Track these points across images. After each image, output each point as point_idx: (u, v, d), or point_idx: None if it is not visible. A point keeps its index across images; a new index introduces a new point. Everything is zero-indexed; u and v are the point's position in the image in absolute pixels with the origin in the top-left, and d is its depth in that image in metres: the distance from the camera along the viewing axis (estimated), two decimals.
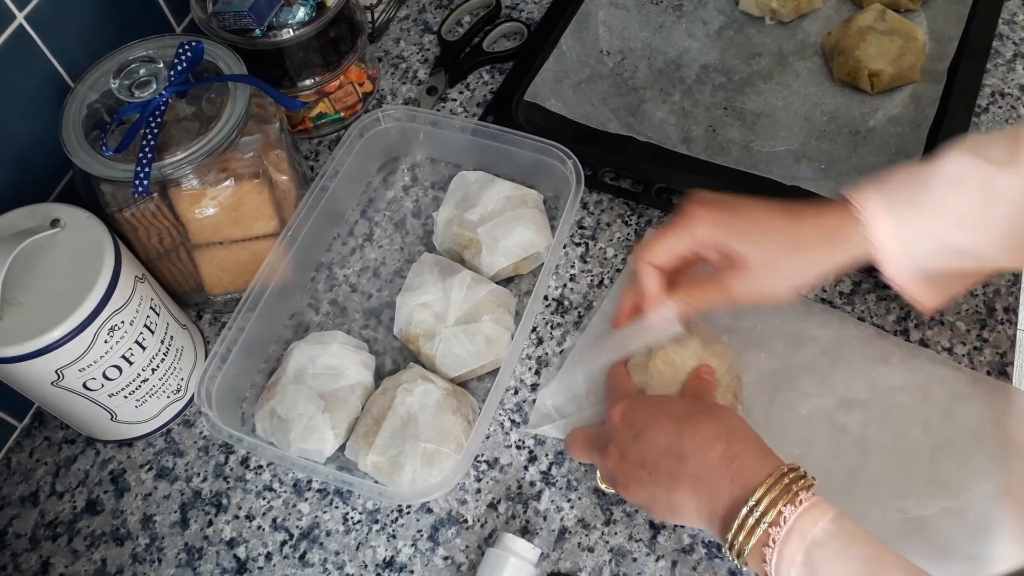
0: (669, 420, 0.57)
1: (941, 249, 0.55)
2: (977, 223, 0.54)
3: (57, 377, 0.62)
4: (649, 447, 0.57)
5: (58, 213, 0.64)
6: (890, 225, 0.55)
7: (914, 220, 0.54)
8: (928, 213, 0.54)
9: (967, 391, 0.67)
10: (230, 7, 0.76)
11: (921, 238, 0.55)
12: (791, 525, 0.49)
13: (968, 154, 0.54)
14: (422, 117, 0.82)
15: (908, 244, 0.55)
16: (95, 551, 0.69)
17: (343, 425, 0.68)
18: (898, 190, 0.55)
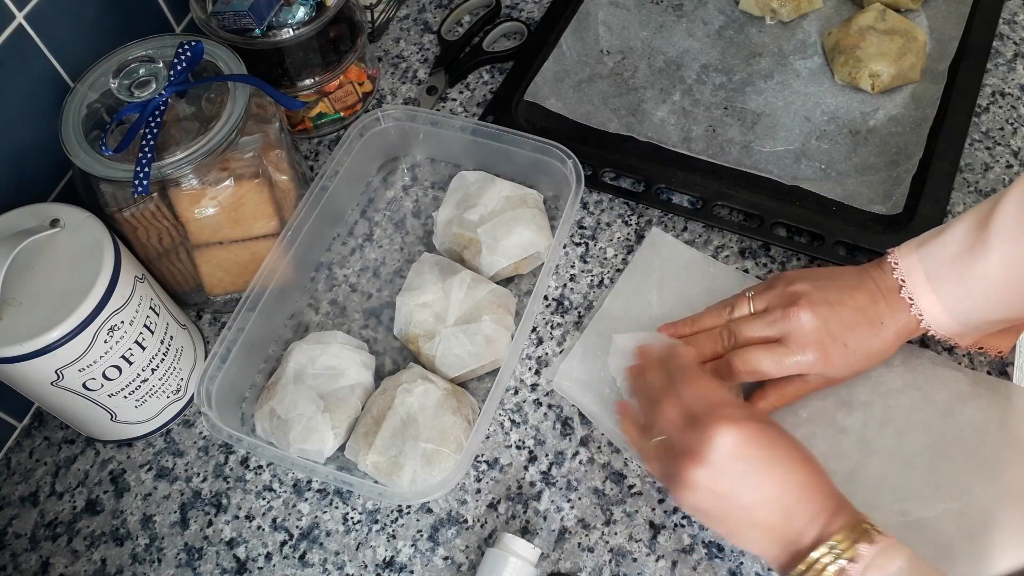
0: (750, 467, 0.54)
1: (989, 320, 0.61)
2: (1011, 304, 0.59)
3: (57, 377, 0.62)
4: (724, 483, 0.54)
5: (58, 213, 0.64)
6: (947, 319, 0.60)
7: (967, 313, 0.60)
8: (980, 306, 0.59)
9: (968, 392, 0.67)
10: (230, 7, 0.76)
11: (973, 318, 0.60)
12: (868, 562, 0.49)
13: (1015, 242, 0.56)
14: (422, 117, 0.82)
15: (963, 324, 0.61)
16: (95, 551, 0.69)
17: (343, 425, 0.68)
18: (953, 286, 0.59)
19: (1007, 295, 0.58)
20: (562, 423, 0.70)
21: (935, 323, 0.61)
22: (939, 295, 0.60)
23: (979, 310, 0.59)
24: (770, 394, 0.65)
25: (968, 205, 0.78)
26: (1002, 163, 0.80)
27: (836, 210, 0.76)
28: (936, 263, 0.60)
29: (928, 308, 0.60)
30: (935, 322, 0.61)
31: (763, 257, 0.77)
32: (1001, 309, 0.59)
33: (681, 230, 0.79)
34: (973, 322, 0.60)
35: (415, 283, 0.74)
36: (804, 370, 0.63)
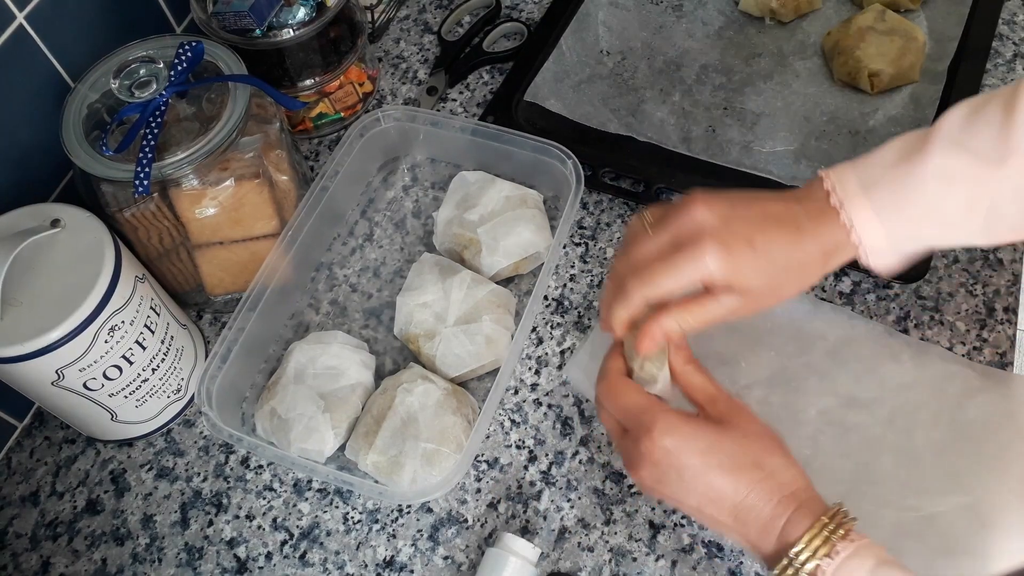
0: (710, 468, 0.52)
1: (923, 243, 0.54)
2: (961, 220, 0.52)
3: (57, 377, 0.62)
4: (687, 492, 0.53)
5: (58, 213, 0.64)
6: (880, 233, 0.53)
7: (902, 225, 0.53)
8: (915, 218, 0.52)
9: (978, 385, 0.67)
10: (230, 7, 0.76)
11: (907, 237, 0.54)
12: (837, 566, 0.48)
13: (957, 148, 0.51)
14: (422, 117, 0.82)
15: (895, 243, 0.54)
16: (95, 551, 0.69)
17: (343, 425, 0.68)
18: (888, 192, 0.52)
19: (944, 209, 0.52)
20: (562, 423, 0.70)
21: (867, 236, 0.53)
22: (873, 202, 0.52)
23: (914, 224, 0.52)
24: (673, 314, 0.55)
25: None
26: None
27: None
28: (872, 171, 0.53)
29: (860, 217, 0.53)
30: (867, 235, 0.53)
31: None
32: (935, 226, 0.53)
33: None
34: (904, 238, 0.53)
35: (415, 283, 0.74)
36: (704, 277, 0.53)
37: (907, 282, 0.73)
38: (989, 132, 0.50)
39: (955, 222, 0.53)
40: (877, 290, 0.74)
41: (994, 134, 0.50)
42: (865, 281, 0.75)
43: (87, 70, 0.70)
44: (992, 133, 0.50)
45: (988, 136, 0.50)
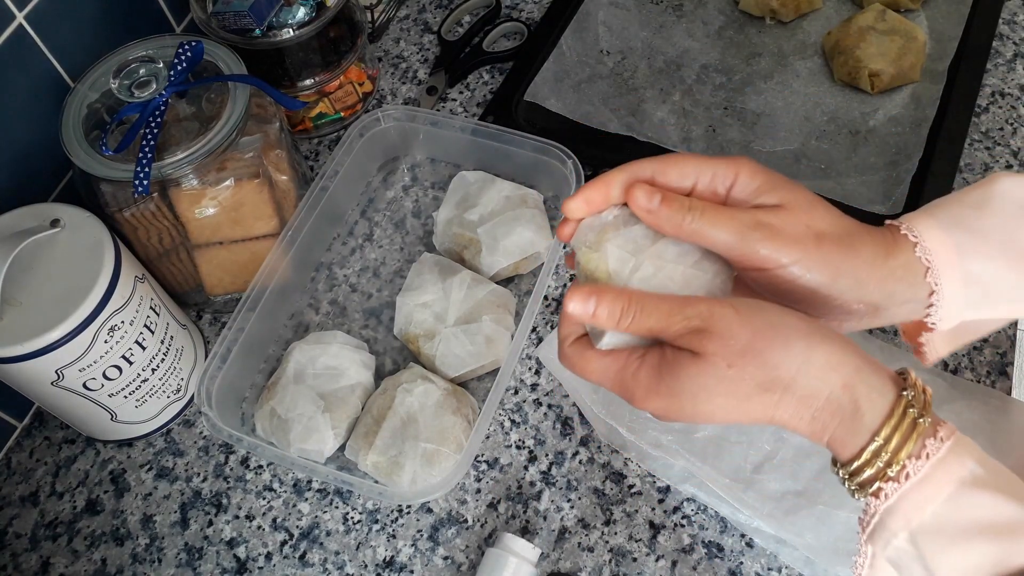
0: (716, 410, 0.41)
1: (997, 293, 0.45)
2: None
3: (57, 377, 0.62)
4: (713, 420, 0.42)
5: (58, 213, 0.64)
6: (957, 271, 0.44)
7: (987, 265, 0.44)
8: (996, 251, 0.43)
9: (945, 395, 0.67)
10: (230, 7, 0.76)
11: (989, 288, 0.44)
12: (893, 504, 0.39)
13: None
14: (422, 117, 0.82)
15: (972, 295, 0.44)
16: (95, 551, 0.69)
17: (343, 425, 0.68)
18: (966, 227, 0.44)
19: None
20: (562, 423, 0.70)
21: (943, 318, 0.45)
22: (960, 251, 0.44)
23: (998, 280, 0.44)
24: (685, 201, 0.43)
25: None
26: (1002, 163, 0.80)
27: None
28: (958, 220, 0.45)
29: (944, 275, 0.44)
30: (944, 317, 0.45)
31: None
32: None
33: None
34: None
35: (415, 283, 0.74)
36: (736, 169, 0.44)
37: None
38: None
39: None
40: None
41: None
42: None
43: (87, 70, 0.70)
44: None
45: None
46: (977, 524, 0.37)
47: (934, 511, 0.38)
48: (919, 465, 0.38)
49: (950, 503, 0.38)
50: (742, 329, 0.40)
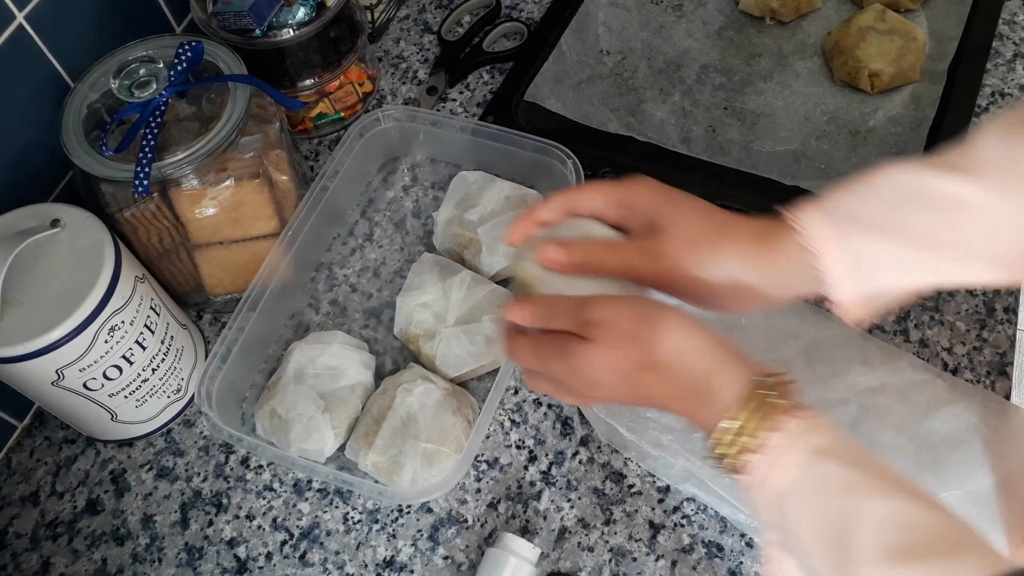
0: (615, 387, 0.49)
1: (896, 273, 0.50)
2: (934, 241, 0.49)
3: (57, 377, 0.62)
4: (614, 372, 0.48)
5: (58, 213, 0.64)
6: (840, 252, 0.49)
7: (868, 244, 0.49)
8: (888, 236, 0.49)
9: (945, 397, 0.67)
10: (230, 7, 0.76)
11: (875, 263, 0.49)
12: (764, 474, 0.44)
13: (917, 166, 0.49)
14: (422, 117, 0.82)
15: (861, 271, 0.49)
16: (95, 551, 0.69)
17: (343, 425, 0.68)
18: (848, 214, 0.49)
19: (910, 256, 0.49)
20: (562, 423, 0.70)
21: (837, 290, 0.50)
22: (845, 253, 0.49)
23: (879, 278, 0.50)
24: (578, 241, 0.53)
25: None
26: None
27: None
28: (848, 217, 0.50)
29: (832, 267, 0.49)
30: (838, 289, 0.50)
31: None
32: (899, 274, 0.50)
33: None
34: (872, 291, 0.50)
35: (415, 283, 0.74)
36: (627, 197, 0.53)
37: None
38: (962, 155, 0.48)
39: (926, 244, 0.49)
40: None
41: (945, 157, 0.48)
42: None
43: (87, 70, 0.70)
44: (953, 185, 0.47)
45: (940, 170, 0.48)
46: (826, 486, 0.43)
47: (791, 478, 0.44)
48: (777, 438, 0.44)
49: (805, 468, 0.43)
50: (627, 320, 0.48)
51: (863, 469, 0.43)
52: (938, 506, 0.42)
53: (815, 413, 0.45)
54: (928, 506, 0.42)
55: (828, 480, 0.43)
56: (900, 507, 0.41)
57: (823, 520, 0.42)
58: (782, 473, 0.44)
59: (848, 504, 0.42)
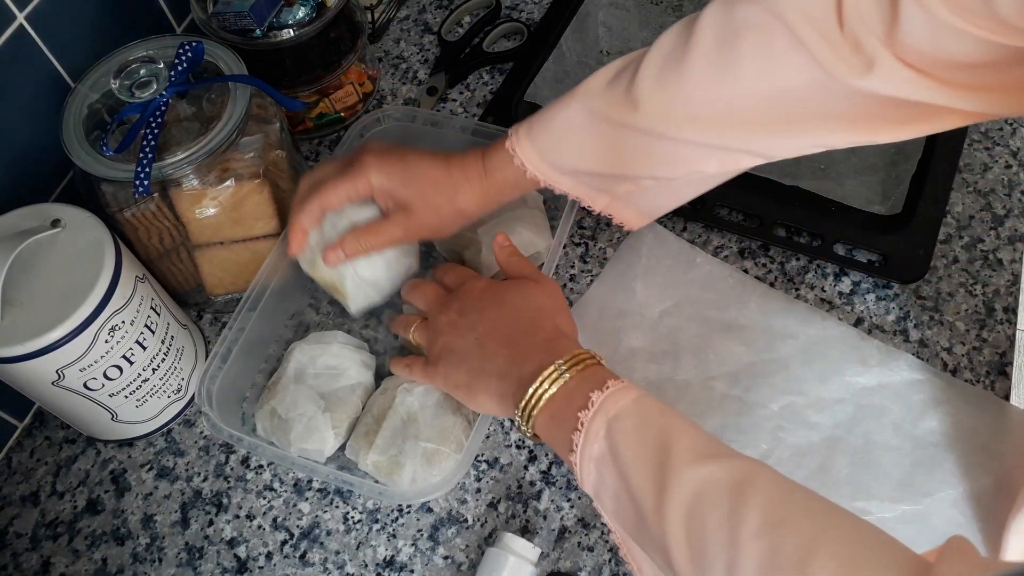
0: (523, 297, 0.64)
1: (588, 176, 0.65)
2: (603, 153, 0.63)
3: (58, 377, 0.62)
4: (490, 313, 0.63)
5: (59, 213, 0.64)
6: (535, 155, 0.65)
7: (554, 151, 0.64)
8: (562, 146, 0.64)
9: (942, 397, 0.67)
10: (230, 7, 0.76)
11: (559, 160, 0.65)
12: (598, 407, 0.52)
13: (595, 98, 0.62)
14: (422, 117, 0.82)
15: (552, 164, 0.65)
16: (96, 551, 0.69)
17: (344, 425, 0.68)
18: (542, 128, 0.64)
19: (588, 145, 0.63)
20: None
21: (526, 158, 0.65)
22: (534, 143, 0.64)
23: (568, 158, 0.64)
24: (355, 233, 0.67)
25: (967, 205, 0.78)
26: (1001, 163, 0.80)
27: (835, 210, 0.76)
28: (534, 118, 0.65)
29: (521, 146, 0.65)
30: (526, 157, 0.65)
31: (762, 257, 0.77)
32: (588, 159, 0.63)
33: (681, 230, 0.79)
34: (568, 167, 0.64)
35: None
36: (366, 186, 0.67)
37: (906, 282, 0.74)
38: (621, 85, 0.60)
39: (603, 159, 0.63)
40: (877, 290, 0.74)
41: (624, 88, 0.60)
42: (865, 281, 0.75)
43: (87, 70, 0.70)
44: (624, 87, 0.60)
45: (620, 89, 0.60)
46: (649, 417, 0.52)
47: (622, 406, 0.52)
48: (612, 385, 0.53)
49: (634, 403, 0.53)
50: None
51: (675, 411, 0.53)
52: None
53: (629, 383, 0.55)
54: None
55: (657, 407, 0.53)
56: (703, 431, 0.52)
57: (655, 433, 0.51)
58: (612, 404, 0.52)
59: (667, 424, 0.51)
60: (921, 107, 0.54)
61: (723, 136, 0.59)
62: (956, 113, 0.54)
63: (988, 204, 0.78)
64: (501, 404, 0.60)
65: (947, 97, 0.52)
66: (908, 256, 0.73)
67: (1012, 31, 0.47)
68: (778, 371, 0.70)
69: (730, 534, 0.44)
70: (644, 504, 0.49)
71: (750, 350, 0.71)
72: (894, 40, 0.51)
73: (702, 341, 0.72)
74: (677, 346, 0.72)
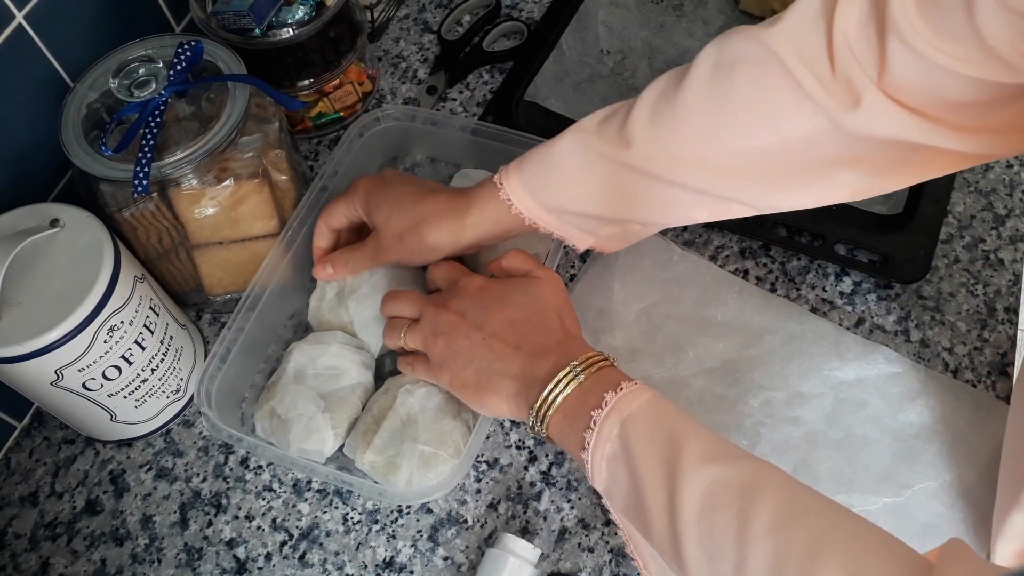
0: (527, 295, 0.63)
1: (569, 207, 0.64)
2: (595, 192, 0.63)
3: (56, 377, 0.62)
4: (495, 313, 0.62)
5: (57, 213, 0.64)
6: (525, 195, 0.64)
7: (545, 191, 0.64)
8: (554, 185, 0.63)
9: (920, 389, 0.68)
10: (229, 6, 0.76)
11: (551, 199, 0.64)
12: (611, 406, 0.53)
13: (588, 134, 0.62)
14: (422, 117, 0.82)
15: (542, 203, 0.64)
16: (95, 551, 0.69)
17: (343, 425, 0.68)
18: (533, 166, 0.64)
19: (577, 182, 0.62)
20: None
21: (515, 197, 0.64)
22: (522, 178, 0.64)
23: (556, 195, 0.63)
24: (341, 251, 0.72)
25: (968, 205, 0.78)
26: (1002, 163, 0.80)
27: (836, 210, 0.76)
28: (526, 156, 0.65)
29: (511, 184, 0.64)
30: (516, 196, 0.64)
31: (763, 257, 0.77)
32: (577, 196, 0.63)
33: (681, 230, 0.79)
34: (553, 204, 0.64)
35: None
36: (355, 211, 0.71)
37: (907, 282, 0.73)
38: (615, 124, 0.61)
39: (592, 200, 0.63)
40: (878, 290, 0.74)
41: (618, 126, 0.60)
42: (866, 282, 0.75)
43: (86, 70, 0.70)
44: (617, 125, 0.61)
45: (614, 127, 0.61)
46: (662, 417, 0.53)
47: (636, 406, 0.53)
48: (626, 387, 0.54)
49: (647, 404, 0.53)
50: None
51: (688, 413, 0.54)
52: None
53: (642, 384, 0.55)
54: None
55: (669, 408, 0.53)
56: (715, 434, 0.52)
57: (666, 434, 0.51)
58: (626, 405, 0.53)
59: (680, 425, 0.52)
60: (914, 149, 0.54)
61: (714, 182, 0.59)
62: (951, 155, 0.54)
63: (989, 204, 0.78)
64: (512, 405, 0.60)
65: (940, 137, 0.52)
66: (909, 256, 0.73)
67: (1000, 66, 0.46)
68: (757, 367, 0.70)
69: (739, 533, 0.45)
70: (655, 503, 0.49)
71: (729, 346, 0.71)
72: (884, 79, 0.51)
73: (681, 338, 0.72)
74: (656, 344, 0.72)
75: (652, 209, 0.62)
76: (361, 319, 0.72)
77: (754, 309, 0.73)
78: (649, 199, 0.61)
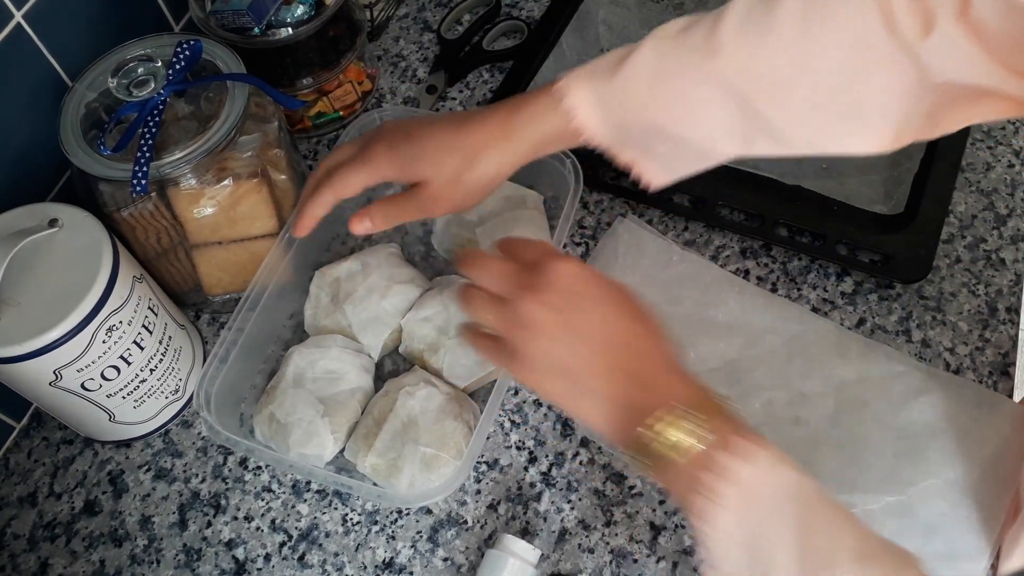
0: (626, 305, 0.54)
1: (642, 132, 0.59)
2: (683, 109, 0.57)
3: (55, 377, 0.62)
4: (591, 316, 0.53)
5: (56, 213, 0.64)
6: (596, 112, 0.59)
7: (618, 104, 0.58)
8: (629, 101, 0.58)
9: (922, 387, 0.68)
10: (229, 6, 0.75)
11: (625, 114, 0.58)
12: (725, 468, 0.46)
13: (670, 42, 0.58)
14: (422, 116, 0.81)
15: (613, 120, 0.58)
16: (93, 552, 0.69)
17: (343, 429, 0.68)
18: (606, 77, 0.59)
19: (656, 91, 0.57)
20: (562, 424, 0.70)
21: (585, 117, 0.59)
22: (596, 90, 0.59)
23: (630, 107, 0.58)
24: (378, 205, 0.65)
25: (970, 205, 0.78)
26: (1004, 162, 0.80)
27: (837, 210, 0.76)
28: (595, 62, 0.60)
29: (581, 101, 0.59)
30: (585, 116, 0.59)
31: (764, 257, 0.77)
32: (651, 109, 0.57)
33: (682, 230, 0.79)
34: (625, 123, 0.58)
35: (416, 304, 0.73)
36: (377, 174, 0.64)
37: (909, 282, 0.73)
38: (701, 31, 0.57)
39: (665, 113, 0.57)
40: (879, 290, 0.74)
41: (705, 34, 0.56)
42: (867, 282, 0.75)
43: (85, 69, 0.69)
44: (703, 33, 0.56)
45: (700, 35, 0.57)
46: (786, 489, 0.47)
47: (763, 479, 0.46)
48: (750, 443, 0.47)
49: (769, 471, 0.47)
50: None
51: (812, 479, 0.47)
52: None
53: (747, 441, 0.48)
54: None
55: (790, 484, 0.47)
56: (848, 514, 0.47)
57: (785, 525, 0.45)
58: (741, 467, 0.46)
59: (810, 506, 0.46)
60: (972, 90, 0.52)
61: (780, 112, 0.55)
62: (1008, 100, 0.52)
63: (991, 204, 0.78)
64: (610, 430, 0.52)
65: (1004, 80, 0.50)
66: (910, 256, 0.73)
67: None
68: (759, 367, 0.70)
69: None
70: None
71: (730, 347, 0.71)
72: (967, 15, 0.49)
73: (682, 339, 0.72)
74: None
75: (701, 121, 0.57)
76: (359, 321, 0.72)
77: (755, 309, 0.73)
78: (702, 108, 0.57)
